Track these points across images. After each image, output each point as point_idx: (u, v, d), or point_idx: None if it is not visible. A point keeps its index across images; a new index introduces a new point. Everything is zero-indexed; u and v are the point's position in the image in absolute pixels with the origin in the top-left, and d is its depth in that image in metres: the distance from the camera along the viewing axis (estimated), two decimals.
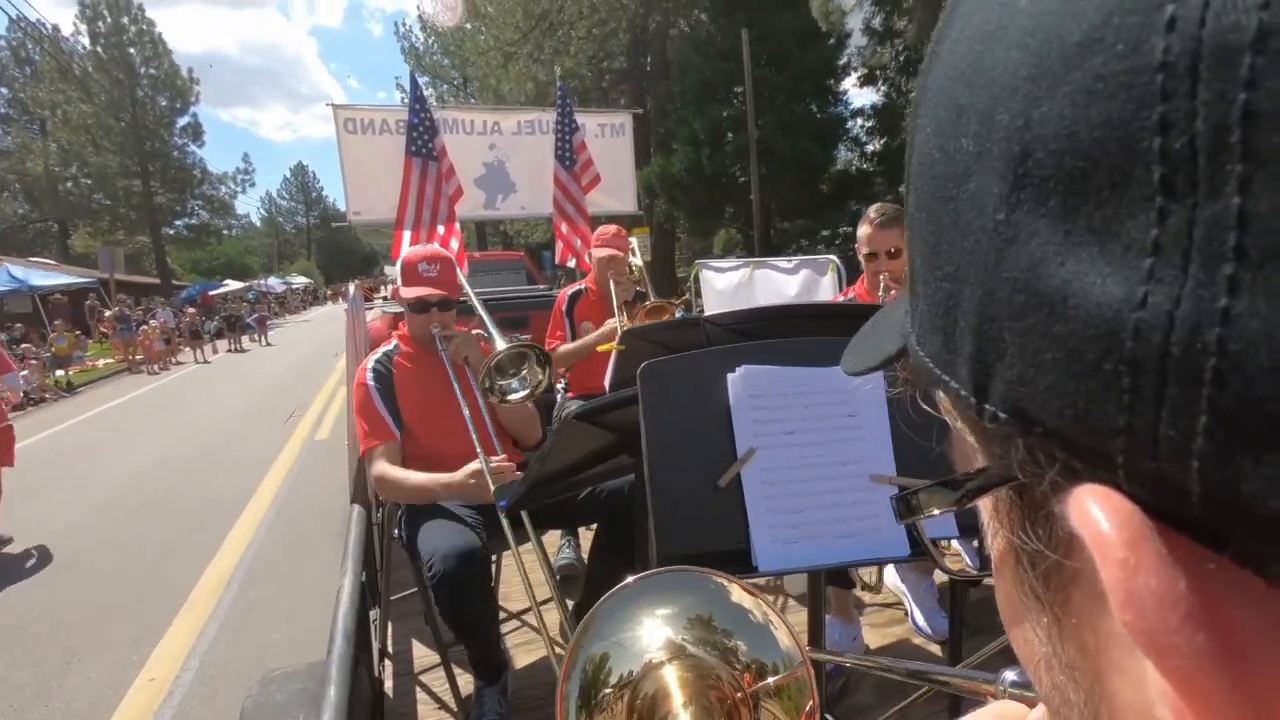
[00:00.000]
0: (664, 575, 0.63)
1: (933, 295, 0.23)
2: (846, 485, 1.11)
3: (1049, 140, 0.17)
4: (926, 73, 0.24)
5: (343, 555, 1.97)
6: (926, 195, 0.23)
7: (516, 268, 8.18)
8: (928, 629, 2.37)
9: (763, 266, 4.45)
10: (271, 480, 6.51)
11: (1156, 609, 0.16)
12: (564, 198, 6.04)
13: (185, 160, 39.62)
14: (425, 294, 2.24)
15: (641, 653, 0.58)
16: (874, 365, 0.31)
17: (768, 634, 0.60)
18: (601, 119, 7.35)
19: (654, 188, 16.64)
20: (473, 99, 24.91)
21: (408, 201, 5.50)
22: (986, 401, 0.21)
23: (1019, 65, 0.18)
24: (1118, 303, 0.16)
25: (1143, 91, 0.15)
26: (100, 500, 6.23)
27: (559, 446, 1.37)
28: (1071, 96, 0.17)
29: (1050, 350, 0.18)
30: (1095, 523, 0.17)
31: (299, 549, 4.81)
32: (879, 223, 2.36)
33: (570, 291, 3.36)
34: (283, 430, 8.53)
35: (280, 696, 1.56)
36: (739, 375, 1.13)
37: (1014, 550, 0.23)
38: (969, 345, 0.21)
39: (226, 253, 54.44)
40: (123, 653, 3.57)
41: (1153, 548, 0.16)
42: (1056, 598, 0.21)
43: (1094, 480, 0.18)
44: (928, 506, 0.27)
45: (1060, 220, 0.17)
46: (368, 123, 6.42)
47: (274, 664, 1.68)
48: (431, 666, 2.28)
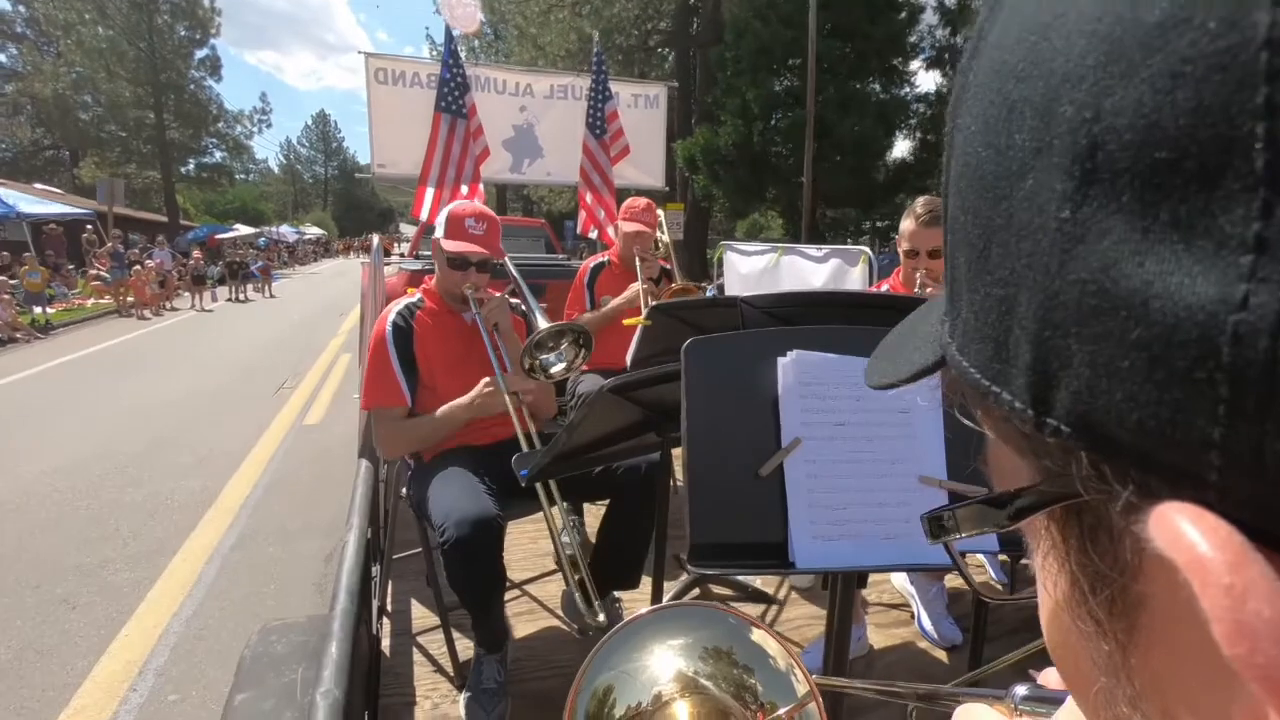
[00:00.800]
0: (675, 609, 0.64)
1: (980, 303, 0.22)
2: (894, 484, 1.05)
3: (1124, 131, 0.16)
4: (967, 70, 0.23)
5: (349, 510, 1.94)
6: (973, 197, 0.22)
7: (537, 235, 8.09)
8: (934, 634, 2.32)
9: (790, 252, 4.36)
10: (239, 484, 5.09)
11: (1272, 640, 0.15)
12: (591, 167, 5.95)
13: (201, 95, 37.34)
14: (469, 249, 2.15)
15: (651, 685, 0.58)
16: (906, 378, 0.29)
17: (776, 666, 0.60)
18: (636, 89, 7.22)
19: (696, 161, 15.38)
20: (505, 57, 24.30)
21: (433, 158, 5.43)
22: (1048, 415, 0.19)
23: (1084, 53, 0.17)
24: (1213, 303, 0.15)
25: (1243, 72, 0.14)
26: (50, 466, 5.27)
27: (589, 419, 1.32)
28: (1151, 82, 0.15)
29: (1127, 357, 0.17)
30: (1191, 545, 0.16)
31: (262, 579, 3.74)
32: (924, 219, 2.28)
33: (593, 264, 3.30)
34: (269, 405, 7.37)
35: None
36: (791, 360, 1.06)
37: (1069, 573, 0.22)
38: (1026, 354, 0.20)
39: (241, 197, 53.99)
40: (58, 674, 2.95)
41: (1259, 571, 0.15)
42: (1120, 625, 0.20)
43: (1177, 498, 0.17)
44: (968, 526, 0.26)
45: (1138, 216, 0.16)
46: (399, 74, 6.32)
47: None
48: (430, 628, 2.26)
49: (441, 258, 2.20)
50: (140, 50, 33.50)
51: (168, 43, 34.98)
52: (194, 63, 36.37)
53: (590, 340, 2.22)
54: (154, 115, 34.34)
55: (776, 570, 1.03)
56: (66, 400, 7.53)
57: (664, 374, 1.21)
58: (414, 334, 2.18)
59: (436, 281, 2.27)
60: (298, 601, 3.51)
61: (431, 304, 2.25)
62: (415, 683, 2.06)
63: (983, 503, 0.25)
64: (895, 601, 2.55)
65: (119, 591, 3.60)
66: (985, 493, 0.25)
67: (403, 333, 2.17)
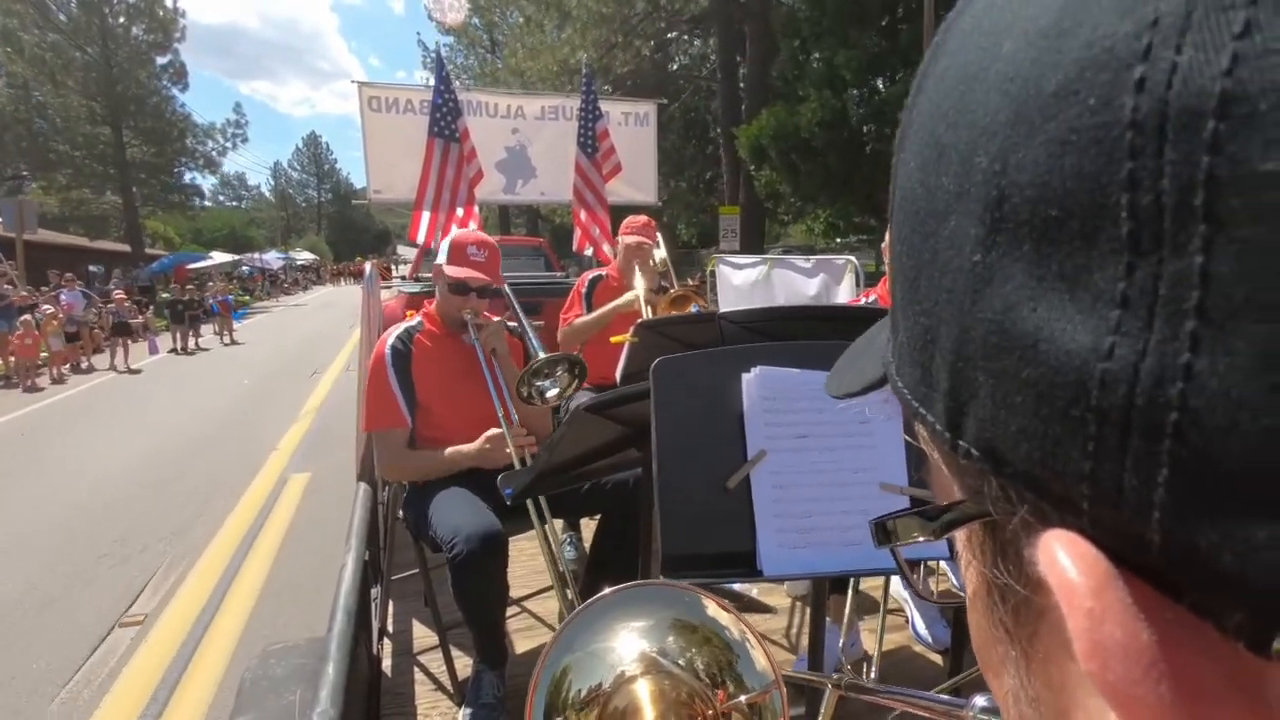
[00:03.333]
0: (640, 588, 0.63)
1: (911, 329, 0.23)
2: (857, 493, 1.10)
3: (1025, 187, 0.17)
4: (912, 106, 0.24)
5: (347, 533, 1.99)
6: (908, 229, 0.23)
7: (536, 253, 8.17)
8: (928, 638, 2.35)
9: (781, 265, 4.41)
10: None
11: (1121, 659, 0.16)
12: (584, 185, 6.03)
13: (166, 108, 31.98)
14: (470, 276, 2.22)
15: (614, 665, 0.58)
16: (855, 390, 0.31)
17: (743, 652, 0.60)
18: (626, 108, 7.31)
19: (764, 149, 12.40)
20: (500, 63, 23.13)
21: (428, 182, 5.51)
22: (960, 438, 0.21)
23: (998, 109, 0.18)
24: (1086, 351, 0.16)
25: (1112, 147, 0.15)
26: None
27: (568, 437, 1.37)
28: (1047, 146, 0.17)
29: (1020, 393, 0.18)
30: (1063, 570, 0.17)
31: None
32: None
33: (591, 275, 3.40)
34: (128, 591, 4.07)
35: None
36: (754, 376, 1.11)
37: (986, 583, 0.23)
38: (944, 381, 0.21)
39: (229, 223, 51.52)
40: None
41: (1118, 597, 0.16)
42: (1024, 632, 0.22)
43: (1062, 523, 0.18)
44: (906, 533, 0.28)
45: (1034, 265, 0.17)
46: (392, 101, 6.42)
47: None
48: (430, 648, 2.29)
49: (443, 282, 2.27)
50: (90, 57, 28.82)
51: (123, 48, 30.07)
52: (155, 70, 31.54)
53: (584, 368, 2.27)
54: (111, 131, 29.45)
55: (746, 578, 1.07)
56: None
57: (637, 392, 1.26)
58: (413, 356, 2.24)
59: (437, 305, 2.34)
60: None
61: (431, 327, 2.32)
62: (416, 701, 2.09)
63: (917, 514, 0.26)
64: (890, 607, 2.57)
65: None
66: (924, 504, 0.27)
67: (401, 355, 2.23)
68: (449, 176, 5.56)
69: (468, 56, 28.95)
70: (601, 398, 1.31)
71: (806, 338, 1.34)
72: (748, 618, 0.61)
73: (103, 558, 4.59)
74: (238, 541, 4.81)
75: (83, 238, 28.86)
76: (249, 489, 5.82)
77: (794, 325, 1.63)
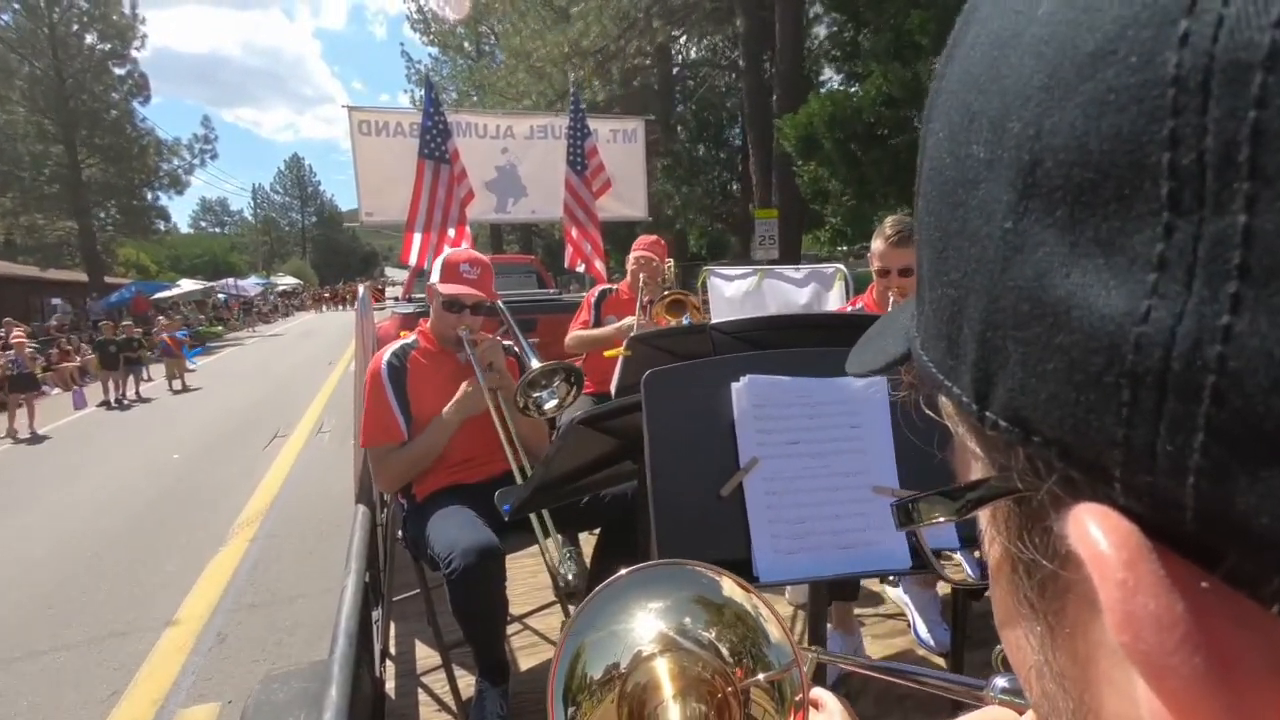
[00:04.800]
0: (657, 568, 0.63)
1: (938, 300, 0.23)
2: (849, 497, 1.11)
3: (1059, 150, 0.17)
4: (941, 75, 0.24)
5: (346, 555, 1.99)
6: (936, 200, 0.23)
7: (527, 271, 8.20)
8: (930, 641, 2.35)
9: (771, 275, 4.44)
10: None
11: (1154, 631, 0.16)
12: (575, 203, 6.07)
13: (126, 124, 28.37)
14: (464, 293, 2.26)
15: (633, 645, 0.58)
16: (878, 367, 0.31)
17: (760, 629, 0.60)
18: (614, 125, 7.39)
19: (814, 139, 10.72)
20: (497, 56, 21.32)
21: (419, 204, 5.55)
22: (988, 409, 0.20)
23: (1033, 73, 0.18)
24: (1121, 316, 0.16)
25: (1154, 105, 0.15)
26: None
27: (563, 452, 1.38)
28: (1083, 107, 0.16)
29: (1052, 360, 0.18)
30: (1094, 542, 0.17)
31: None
32: (894, 239, 2.34)
33: (601, 288, 3.61)
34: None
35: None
36: (743, 385, 1.13)
37: (1010, 558, 0.23)
38: (972, 352, 0.21)
39: (211, 249, 49.68)
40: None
41: (1151, 569, 0.16)
42: (1051, 607, 0.22)
43: (1092, 493, 0.18)
44: (928, 515, 0.27)
45: (1067, 231, 0.17)
46: (382, 125, 6.48)
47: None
48: (433, 668, 2.28)
49: (438, 301, 2.30)
50: (38, 69, 25.71)
51: (77, 57, 26.68)
52: (112, 82, 28.17)
53: (581, 378, 2.29)
54: (64, 149, 26.26)
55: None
56: None
57: (631, 405, 1.27)
58: (408, 373, 2.26)
59: (431, 324, 2.36)
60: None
61: (426, 345, 2.34)
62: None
63: (942, 494, 0.26)
64: (891, 611, 2.58)
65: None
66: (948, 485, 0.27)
67: (397, 372, 2.25)
68: (440, 197, 5.60)
69: (455, 64, 28.14)
70: (594, 411, 1.32)
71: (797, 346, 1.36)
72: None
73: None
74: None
75: (33, 267, 26.15)
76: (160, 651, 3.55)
77: (785, 334, 1.65)
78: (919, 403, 0.28)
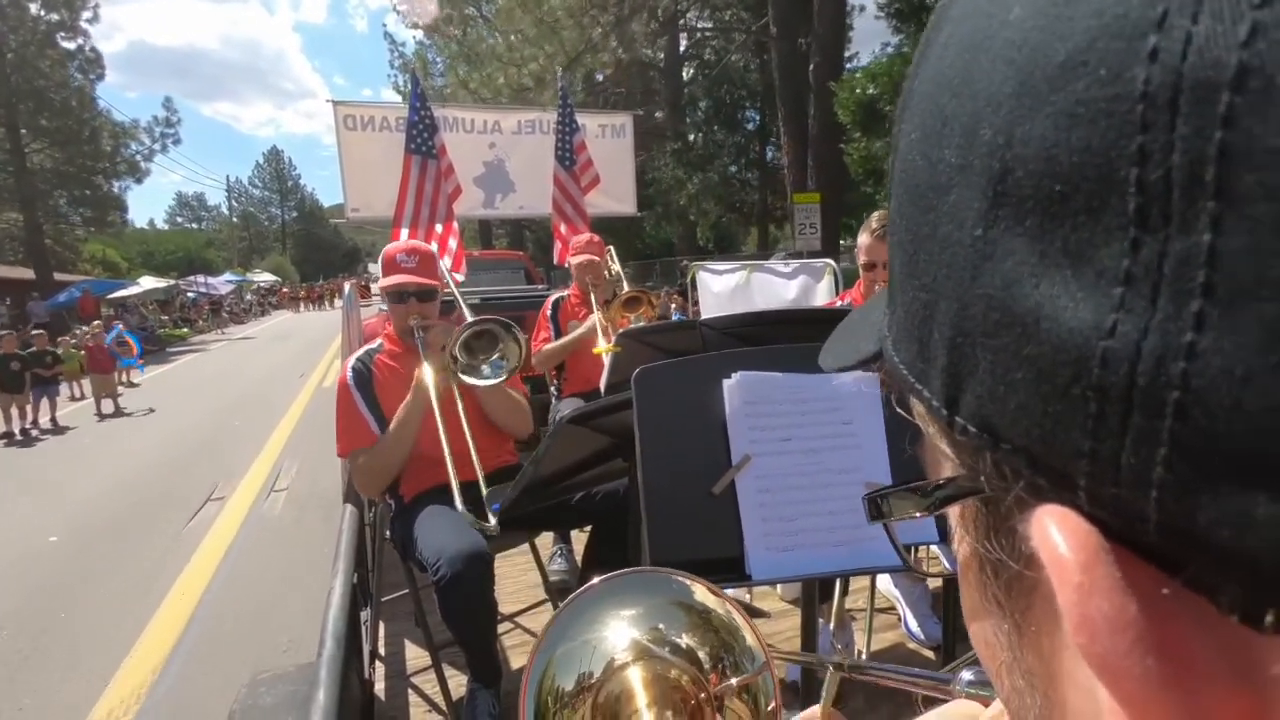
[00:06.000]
0: (630, 576, 0.63)
1: (909, 304, 0.23)
2: (841, 493, 1.10)
3: (1029, 160, 0.17)
4: (915, 75, 0.23)
5: (334, 556, 1.96)
6: (908, 203, 0.22)
7: (515, 267, 8.17)
8: (920, 634, 2.36)
9: (760, 270, 4.44)
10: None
11: (1108, 632, 0.16)
12: (563, 198, 6.03)
13: (76, 104, 24.77)
14: (402, 281, 2.24)
15: (606, 654, 0.58)
16: (850, 364, 0.31)
17: (733, 634, 0.60)
18: (603, 120, 7.36)
19: (874, 107, 9.34)
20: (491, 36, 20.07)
21: (406, 199, 5.50)
22: (957, 414, 0.21)
23: (1004, 80, 0.18)
24: (1088, 329, 0.16)
25: (1123, 120, 0.15)
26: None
27: (553, 450, 1.36)
28: (1054, 118, 0.16)
29: (1020, 370, 0.18)
30: (1054, 545, 0.17)
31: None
32: (878, 233, 2.34)
33: (554, 297, 3.53)
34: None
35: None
36: (735, 381, 1.12)
37: (978, 557, 0.23)
38: (942, 357, 0.21)
39: (185, 245, 47.86)
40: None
41: (1108, 572, 0.16)
42: (1017, 605, 0.22)
43: (1057, 499, 0.18)
44: (899, 510, 0.28)
45: (1036, 241, 0.17)
46: (368, 120, 6.42)
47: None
48: (423, 669, 2.27)
49: (386, 297, 2.31)
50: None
51: (19, 29, 23.26)
52: (60, 57, 24.72)
53: (519, 334, 2.19)
54: (5, 132, 23.06)
55: (735, 583, 1.07)
56: None
57: (621, 402, 1.26)
58: (374, 377, 2.25)
59: (392, 323, 2.35)
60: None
61: (391, 346, 2.34)
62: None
63: (911, 490, 0.26)
64: (881, 606, 2.58)
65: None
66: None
67: (363, 377, 2.25)
68: (427, 192, 5.55)
69: (446, 47, 27.23)
70: (585, 409, 1.31)
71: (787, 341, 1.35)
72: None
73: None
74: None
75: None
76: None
77: (775, 329, 1.64)
78: (890, 399, 0.28)
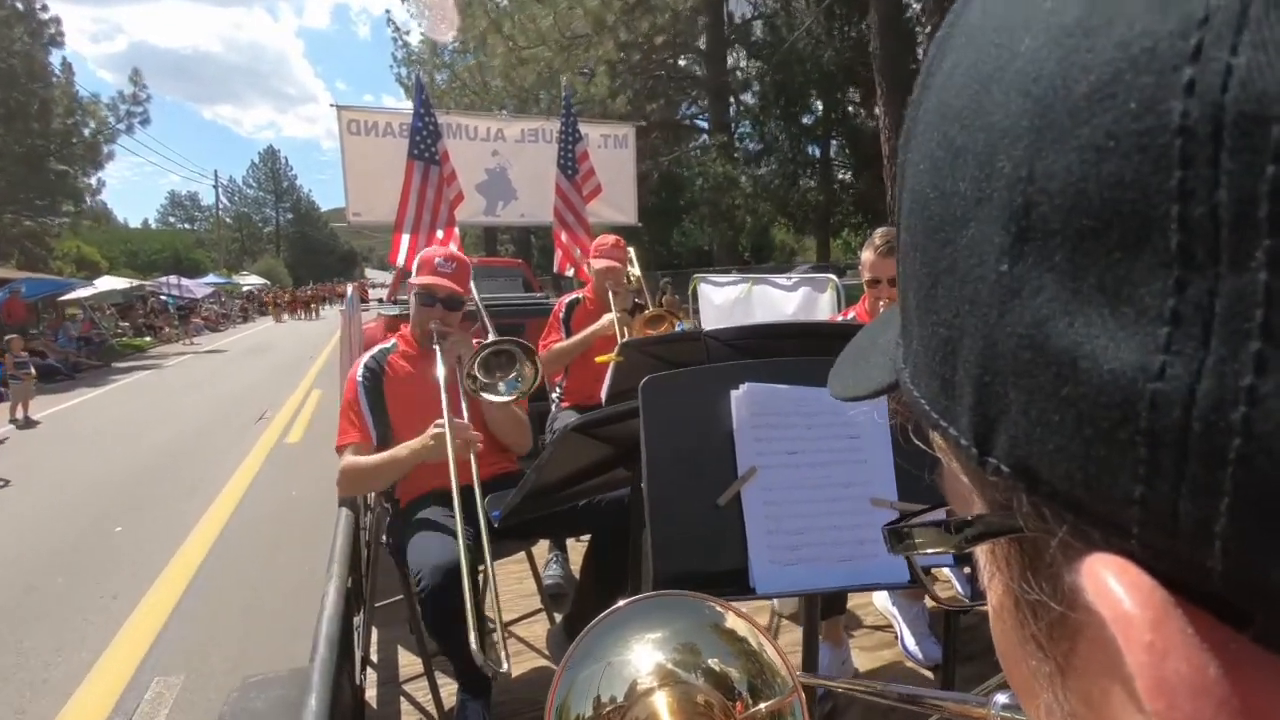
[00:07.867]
0: (656, 599, 0.62)
1: (928, 338, 0.22)
2: (847, 508, 1.10)
3: (1055, 195, 0.16)
4: (918, 104, 0.23)
5: (328, 560, 1.94)
6: (921, 235, 0.22)
7: (514, 274, 8.17)
8: (918, 654, 2.34)
9: (761, 283, 4.45)
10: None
11: (1189, 698, 0.15)
12: (565, 207, 6.05)
13: (27, 74, 19.68)
14: (436, 283, 2.24)
15: (631, 678, 0.57)
16: (864, 395, 0.30)
17: (760, 661, 0.59)
18: (605, 130, 7.39)
19: None
20: (485, 61, 18.18)
21: (408, 204, 5.50)
22: (989, 454, 0.19)
23: (1020, 112, 0.17)
24: (1133, 370, 0.15)
25: (1159, 154, 0.14)
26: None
27: (556, 458, 1.35)
28: (1080, 151, 0.16)
29: (1059, 412, 0.17)
30: (1117, 600, 0.16)
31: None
32: (882, 250, 2.35)
33: (569, 299, 3.38)
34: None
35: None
36: (743, 393, 1.11)
37: (1014, 597, 0.22)
38: (969, 395, 0.20)
39: (172, 245, 46.11)
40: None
41: (1179, 628, 0.15)
42: (1060, 649, 0.21)
43: (1108, 547, 0.17)
44: (923, 544, 0.27)
45: (1069, 277, 0.16)
46: (371, 125, 6.43)
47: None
48: (415, 676, 2.24)
49: (413, 295, 2.31)
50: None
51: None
52: (10, 14, 19.77)
53: (536, 356, 2.19)
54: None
55: (738, 597, 1.06)
56: None
57: (626, 411, 1.25)
58: (385, 376, 2.24)
59: (411, 322, 2.34)
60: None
61: (405, 347, 2.33)
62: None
63: (937, 525, 0.25)
64: (878, 623, 2.57)
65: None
66: (941, 511, 0.26)
67: (374, 375, 2.24)
68: (429, 198, 5.56)
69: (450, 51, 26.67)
70: (589, 417, 1.30)
71: (792, 354, 1.35)
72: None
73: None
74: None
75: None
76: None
77: (779, 342, 1.64)
78: (905, 428, 0.27)
